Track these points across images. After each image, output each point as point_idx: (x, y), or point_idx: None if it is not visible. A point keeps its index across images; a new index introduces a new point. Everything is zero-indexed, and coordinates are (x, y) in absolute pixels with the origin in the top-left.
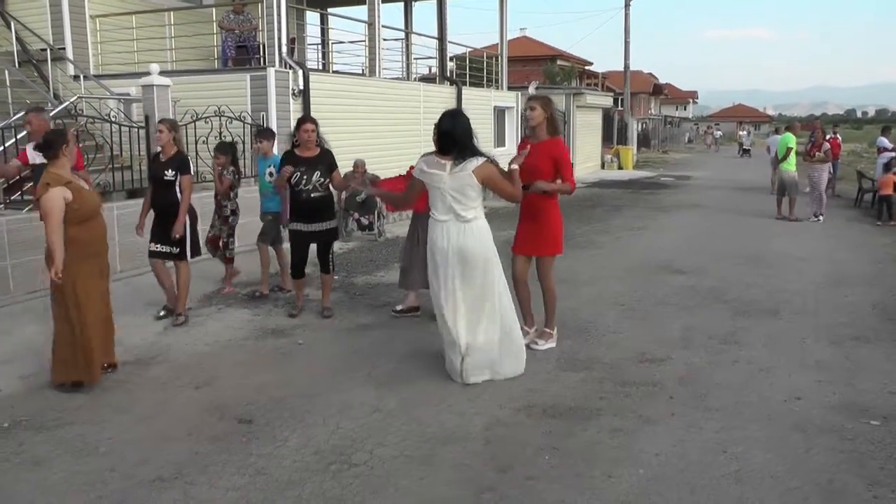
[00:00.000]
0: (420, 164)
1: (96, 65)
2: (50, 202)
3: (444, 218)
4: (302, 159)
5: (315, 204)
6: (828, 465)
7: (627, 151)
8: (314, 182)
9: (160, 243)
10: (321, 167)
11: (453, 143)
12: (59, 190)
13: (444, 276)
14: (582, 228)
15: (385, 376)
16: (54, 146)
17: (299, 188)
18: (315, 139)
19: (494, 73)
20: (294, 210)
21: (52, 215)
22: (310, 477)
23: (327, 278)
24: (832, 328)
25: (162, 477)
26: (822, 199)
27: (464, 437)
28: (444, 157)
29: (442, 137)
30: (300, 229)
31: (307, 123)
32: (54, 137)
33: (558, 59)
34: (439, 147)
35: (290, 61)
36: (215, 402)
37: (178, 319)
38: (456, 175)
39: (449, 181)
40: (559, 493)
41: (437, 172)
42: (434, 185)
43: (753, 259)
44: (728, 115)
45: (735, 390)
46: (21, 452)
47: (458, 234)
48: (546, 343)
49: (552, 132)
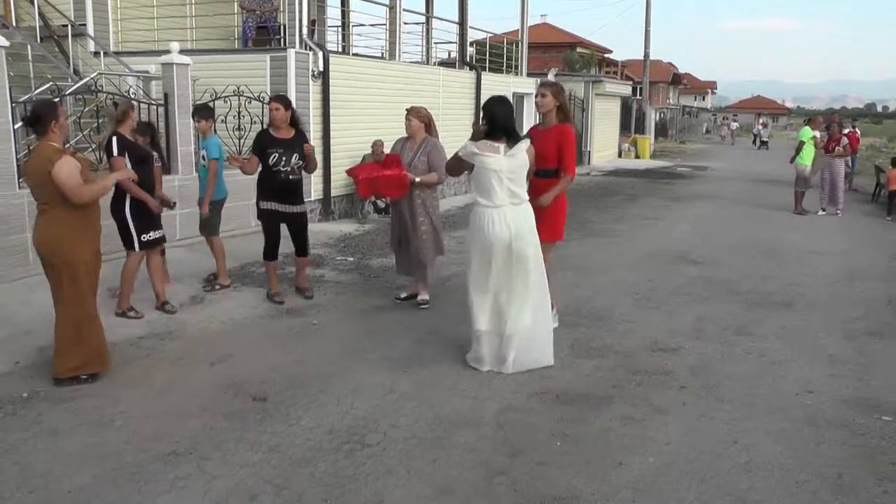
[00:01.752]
0: (469, 147)
1: (116, 42)
2: (66, 167)
3: (500, 202)
4: (278, 140)
5: (292, 186)
6: (838, 459)
7: (645, 141)
8: (292, 164)
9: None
10: (298, 149)
11: (506, 127)
12: (68, 157)
13: (498, 264)
14: (598, 216)
15: (399, 358)
16: (43, 121)
17: (277, 168)
18: (284, 118)
19: (514, 59)
20: (268, 190)
21: (73, 178)
22: (323, 456)
23: (304, 261)
24: (846, 322)
25: (177, 451)
26: (841, 194)
27: (476, 422)
28: (497, 141)
29: (498, 122)
30: (275, 209)
31: (273, 102)
32: (44, 112)
33: (578, 47)
34: (491, 131)
35: (310, 43)
36: (230, 379)
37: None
38: (511, 157)
39: (506, 163)
40: (570, 478)
41: (491, 155)
42: (490, 168)
43: (768, 251)
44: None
45: (747, 382)
46: (39, 423)
47: (515, 218)
48: None
49: (562, 119)
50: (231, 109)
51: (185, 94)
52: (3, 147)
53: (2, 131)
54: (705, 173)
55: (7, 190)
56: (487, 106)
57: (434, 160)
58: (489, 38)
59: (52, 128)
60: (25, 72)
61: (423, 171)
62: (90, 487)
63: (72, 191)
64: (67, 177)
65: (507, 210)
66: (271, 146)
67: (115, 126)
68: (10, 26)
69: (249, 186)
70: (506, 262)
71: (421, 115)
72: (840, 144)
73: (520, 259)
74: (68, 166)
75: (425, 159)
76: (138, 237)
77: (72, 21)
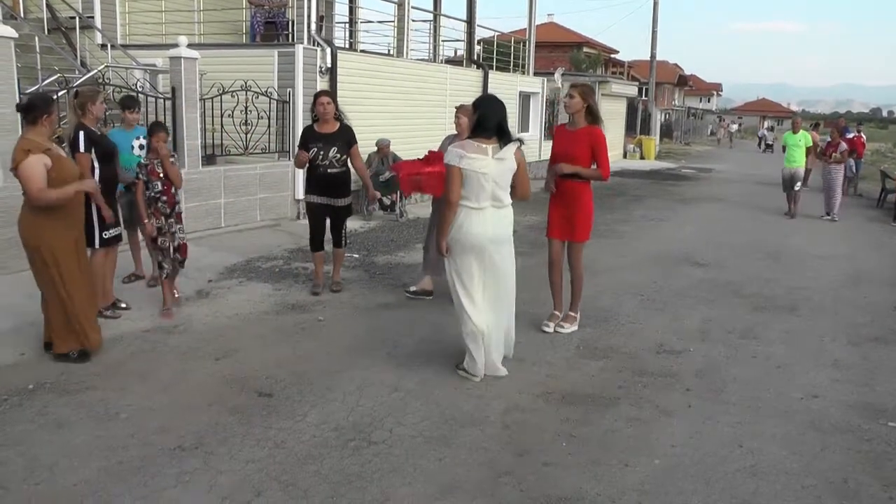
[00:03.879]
0: (455, 152)
1: (124, 35)
2: (30, 168)
3: (483, 205)
4: (320, 135)
5: (331, 179)
6: (843, 464)
7: (650, 142)
8: (331, 158)
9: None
10: (339, 143)
11: (497, 126)
12: (38, 157)
13: (478, 266)
14: (603, 217)
15: (405, 356)
16: (34, 111)
17: (317, 163)
18: (333, 112)
19: (521, 58)
20: (311, 184)
21: (34, 180)
22: (329, 453)
23: (339, 252)
24: (851, 328)
25: (182, 446)
26: (836, 201)
27: (482, 421)
28: (486, 142)
29: (487, 121)
30: (316, 202)
31: (323, 97)
32: (38, 103)
33: (585, 47)
34: (480, 131)
35: (318, 39)
36: (235, 374)
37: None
38: (499, 160)
39: (493, 166)
40: (575, 479)
41: (479, 158)
42: (477, 172)
43: (773, 255)
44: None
45: (752, 385)
46: (45, 415)
47: (496, 221)
48: (570, 326)
49: (591, 121)
50: (238, 104)
51: (192, 88)
52: (9, 138)
53: (8, 122)
54: (710, 175)
55: (13, 181)
56: (478, 104)
57: None
58: (496, 36)
59: (42, 121)
60: (33, 63)
61: None
62: (95, 480)
63: (30, 192)
64: (28, 178)
65: (488, 213)
66: (313, 141)
67: (79, 117)
68: (19, 17)
69: (252, 182)
70: (486, 265)
71: (469, 113)
72: (838, 150)
73: (498, 263)
74: (32, 168)
75: None
76: (100, 233)
77: (79, 13)
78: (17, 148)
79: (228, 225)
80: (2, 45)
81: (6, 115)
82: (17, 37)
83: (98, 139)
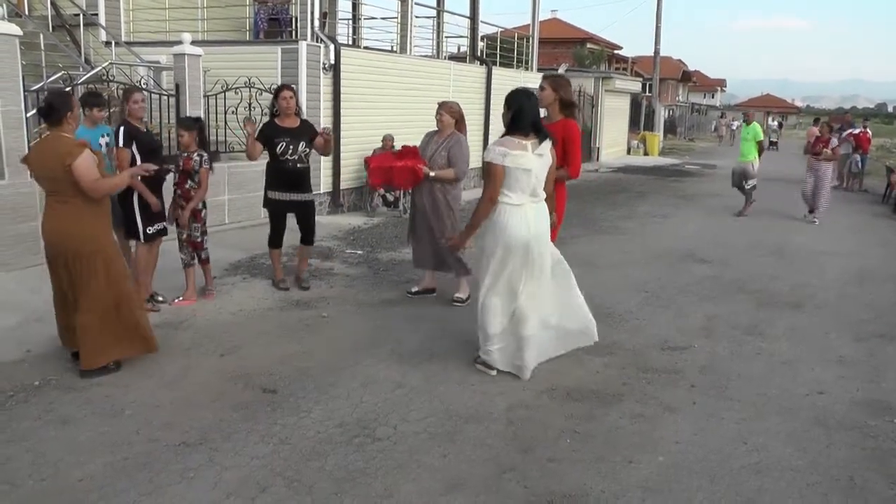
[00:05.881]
0: (498, 150)
1: (127, 32)
2: (87, 160)
3: (523, 201)
4: (284, 129)
5: (298, 174)
6: (849, 461)
7: (654, 138)
8: (300, 153)
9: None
10: (305, 138)
11: (532, 121)
12: (87, 151)
13: (521, 264)
14: (606, 213)
15: (409, 353)
16: (58, 112)
17: (285, 157)
18: (294, 107)
19: (524, 54)
20: (276, 180)
21: (92, 171)
22: (333, 449)
23: (307, 249)
24: (856, 324)
25: (187, 442)
26: (823, 201)
27: (486, 417)
28: (525, 138)
29: (524, 117)
30: (279, 198)
31: (286, 90)
32: (60, 103)
33: (588, 43)
34: (518, 128)
35: (322, 35)
36: (240, 370)
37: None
38: (538, 155)
39: (535, 162)
40: (580, 476)
41: (522, 153)
42: (523, 168)
43: (777, 251)
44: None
45: (757, 382)
46: (51, 411)
47: (536, 217)
48: None
49: (567, 114)
50: (242, 101)
51: (196, 85)
52: (15, 135)
53: (14, 119)
54: (714, 171)
55: (18, 178)
56: (515, 98)
57: (454, 156)
58: (500, 32)
59: (67, 118)
60: (38, 61)
61: (441, 165)
62: (101, 476)
63: (89, 185)
64: (86, 172)
65: (528, 209)
66: (278, 136)
67: (122, 113)
68: (23, 15)
69: (256, 178)
70: (524, 262)
71: (452, 110)
72: (829, 146)
73: (538, 259)
74: (87, 161)
75: (445, 154)
76: (144, 229)
77: (83, 10)
78: (57, 149)
79: (232, 221)
80: (7, 42)
81: (12, 112)
82: (21, 34)
83: (138, 135)
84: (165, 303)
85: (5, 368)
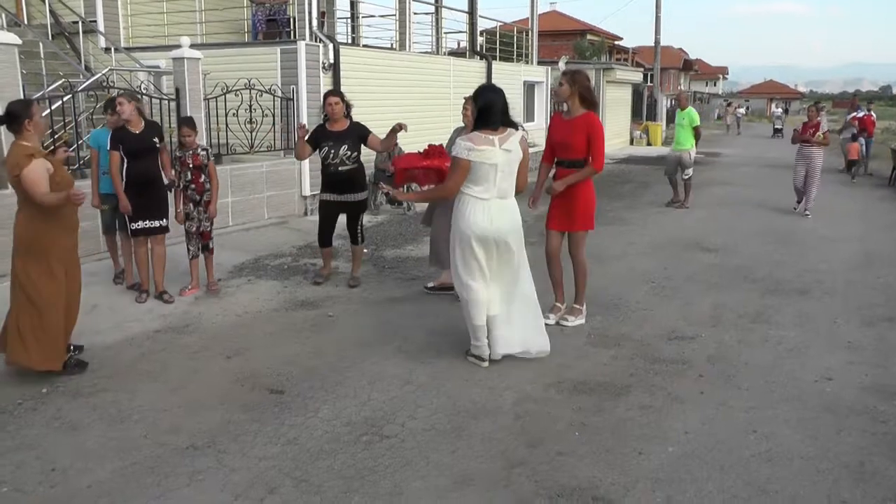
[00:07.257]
0: (464, 144)
1: (127, 37)
2: (35, 172)
3: (487, 196)
4: (330, 133)
5: (343, 176)
6: (859, 447)
7: (657, 128)
8: (341, 156)
9: (149, 219)
10: (349, 140)
11: (501, 115)
12: (41, 161)
13: (481, 257)
14: (611, 205)
15: (415, 350)
16: (17, 120)
17: (327, 162)
18: (341, 111)
19: (524, 47)
20: (324, 182)
21: (40, 184)
22: (341, 448)
23: (357, 249)
24: (864, 309)
25: (195, 445)
26: (813, 190)
27: (494, 412)
28: (493, 132)
29: (488, 111)
30: (329, 199)
31: (332, 97)
32: (19, 110)
33: (588, 34)
34: (485, 121)
35: (320, 35)
36: (246, 371)
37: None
38: (506, 150)
39: (502, 157)
40: (589, 468)
41: (487, 149)
42: (487, 163)
43: (783, 238)
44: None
45: (765, 370)
46: (59, 417)
47: (500, 212)
48: (576, 319)
49: (587, 106)
50: (242, 103)
51: (196, 89)
52: None
53: None
54: (718, 160)
55: None
56: (481, 94)
57: None
58: (499, 26)
59: (27, 126)
60: (38, 69)
61: None
62: (110, 481)
63: (35, 196)
64: (33, 182)
65: (492, 204)
66: (324, 139)
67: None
68: (22, 24)
69: (257, 181)
70: (488, 255)
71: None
72: (819, 130)
73: (502, 253)
74: (35, 173)
75: None
76: (129, 224)
77: (82, 17)
78: (16, 154)
79: (236, 223)
80: (6, 51)
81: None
82: (20, 43)
83: (124, 138)
84: (172, 303)
85: (14, 376)
